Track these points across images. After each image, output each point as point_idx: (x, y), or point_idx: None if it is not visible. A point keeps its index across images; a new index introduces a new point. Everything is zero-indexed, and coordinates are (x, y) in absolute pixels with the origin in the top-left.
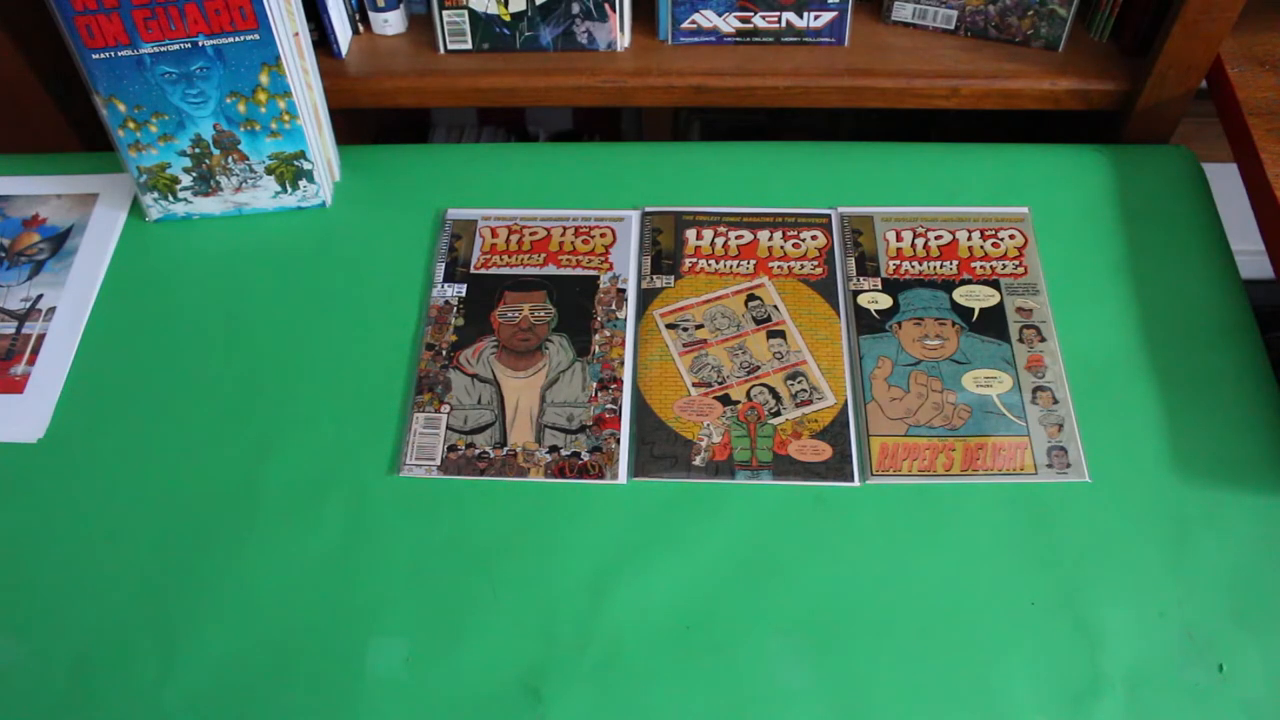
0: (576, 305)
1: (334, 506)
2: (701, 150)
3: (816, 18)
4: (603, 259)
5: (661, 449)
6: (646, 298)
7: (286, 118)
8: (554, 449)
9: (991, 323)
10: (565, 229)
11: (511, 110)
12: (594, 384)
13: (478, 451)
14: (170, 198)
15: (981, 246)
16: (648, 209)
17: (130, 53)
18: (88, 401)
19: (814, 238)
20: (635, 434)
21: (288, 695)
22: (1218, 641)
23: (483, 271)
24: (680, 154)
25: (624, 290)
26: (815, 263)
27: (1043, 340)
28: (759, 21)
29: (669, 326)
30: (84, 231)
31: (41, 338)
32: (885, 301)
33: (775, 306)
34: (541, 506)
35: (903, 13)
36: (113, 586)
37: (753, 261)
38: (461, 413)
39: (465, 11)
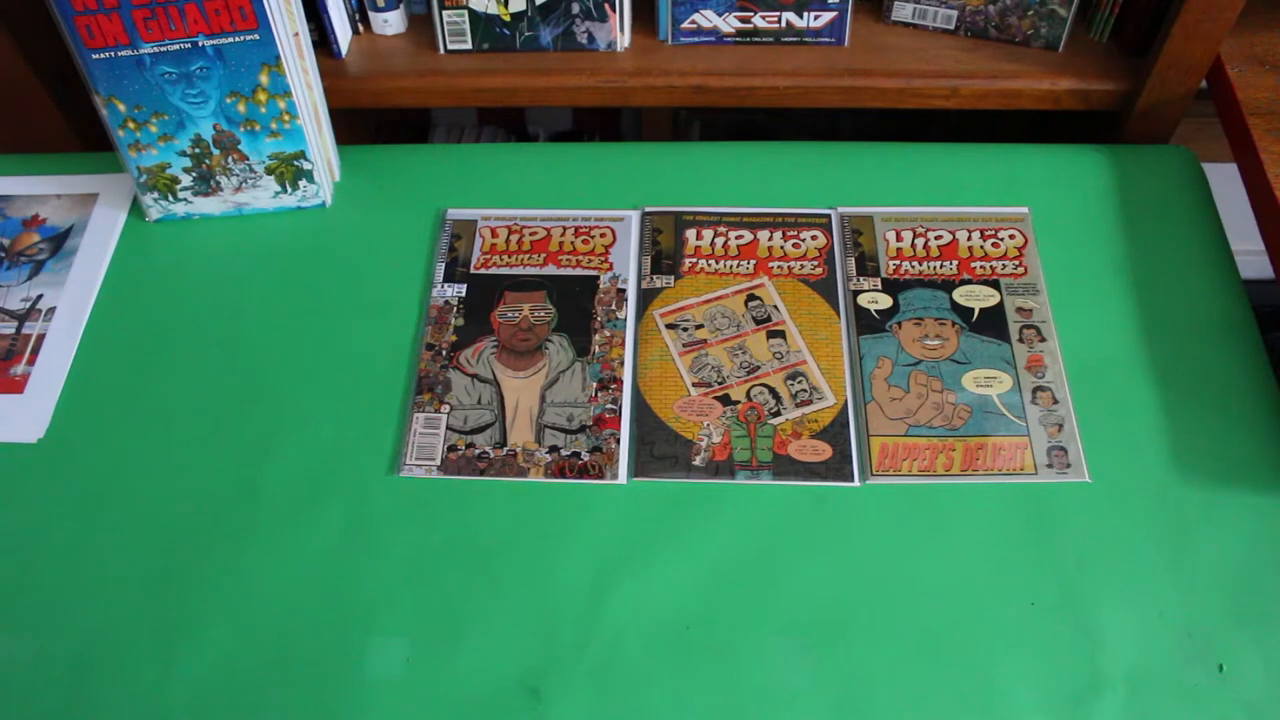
0: (576, 305)
1: (334, 506)
2: (701, 150)
3: (816, 18)
4: (603, 259)
5: (661, 449)
6: (646, 298)
7: (286, 118)
8: (554, 449)
9: (991, 323)
10: (565, 229)
11: (511, 110)
12: (594, 384)
13: (478, 451)
14: (170, 198)
15: (981, 246)
16: (648, 209)
17: (130, 53)
18: (88, 401)
19: (814, 238)
20: (635, 434)
21: (288, 695)
22: (1218, 641)
23: (483, 271)
24: (680, 154)
25: (624, 290)
26: (815, 263)
27: (1043, 340)
28: (759, 21)
29: (669, 326)
30: (84, 231)
31: (41, 338)
32: (885, 301)
33: (775, 306)
34: (541, 506)
35: (903, 13)
36: (113, 586)
37: (753, 261)
38: (461, 413)
39: (465, 11)
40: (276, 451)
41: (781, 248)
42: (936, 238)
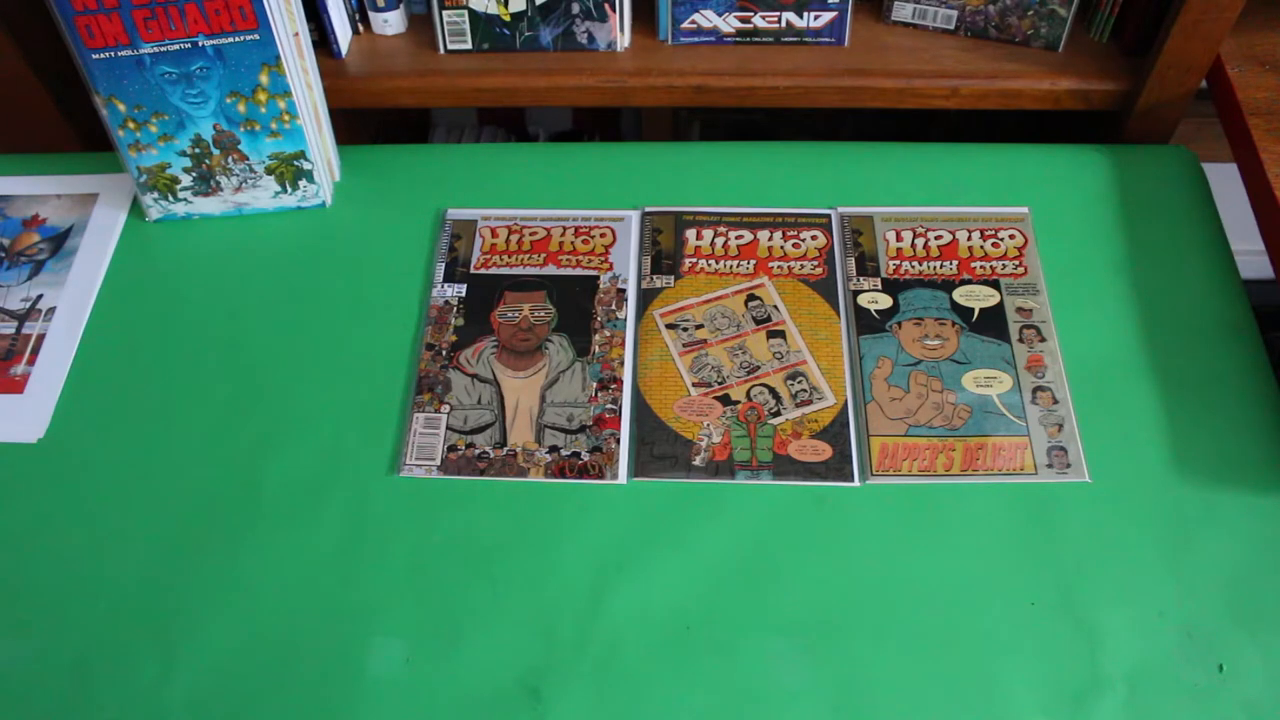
0: (576, 305)
1: (334, 506)
2: (701, 150)
3: (816, 18)
4: (603, 259)
5: (661, 449)
6: (646, 298)
7: (286, 118)
8: (554, 449)
9: (991, 323)
10: (565, 229)
11: (511, 110)
12: (594, 384)
13: (478, 451)
14: (170, 198)
15: (981, 246)
16: (648, 209)
17: (130, 53)
18: (88, 401)
19: (814, 238)
20: (635, 434)
21: (288, 695)
22: (1218, 641)
23: (483, 271)
24: (680, 154)
25: (624, 290)
26: (815, 263)
27: (1043, 340)
28: (759, 21)
29: (669, 326)
30: (84, 231)
31: (41, 338)
32: (885, 301)
33: (775, 306)
34: (541, 506)
35: (903, 13)
36: (113, 586)
37: (753, 261)
38: (461, 413)
39: (465, 11)
40: (276, 451)
41: (781, 248)
42: (936, 238)
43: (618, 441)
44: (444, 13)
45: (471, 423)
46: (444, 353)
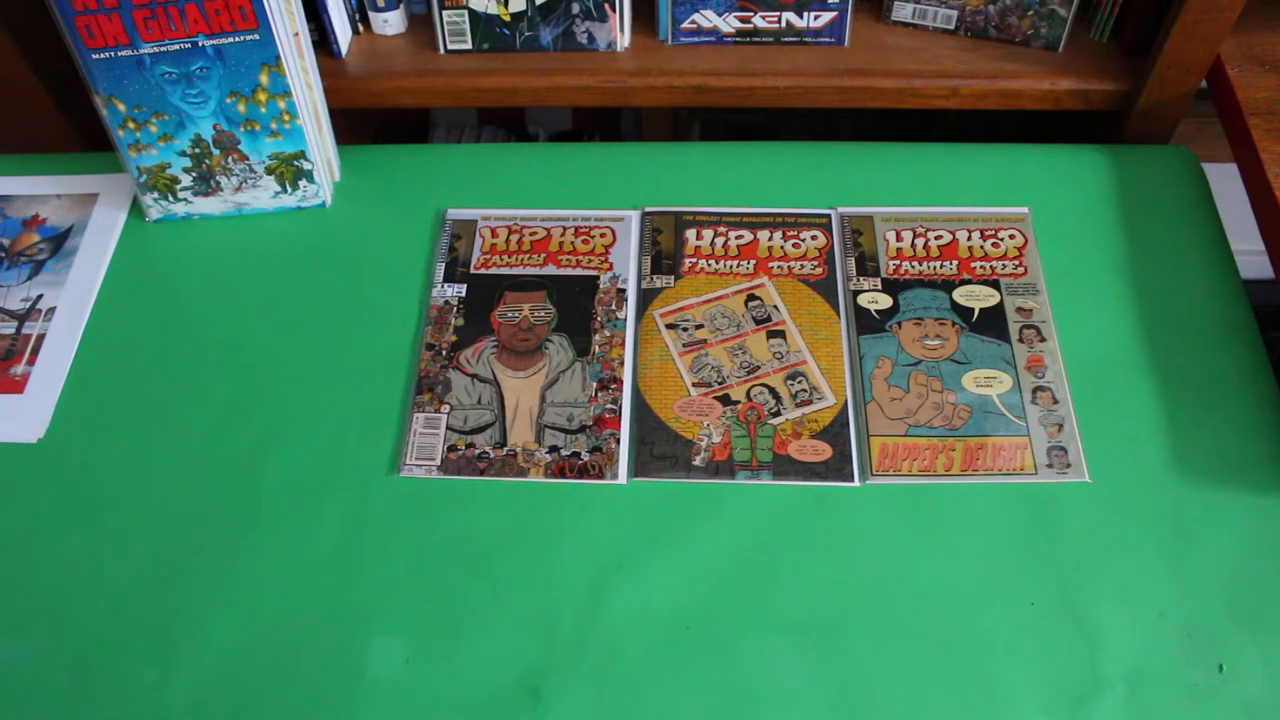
0: (576, 305)
1: (334, 506)
2: (701, 150)
3: (816, 18)
4: (603, 259)
5: (661, 449)
6: (646, 298)
7: (286, 118)
8: (554, 449)
9: (991, 323)
10: (565, 229)
11: (511, 110)
12: (594, 384)
13: (478, 451)
14: (170, 198)
15: (981, 246)
16: (648, 209)
17: (130, 53)
18: (88, 401)
19: (814, 238)
20: (635, 434)
21: (288, 695)
22: (1218, 641)
23: (483, 271)
24: (680, 154)
25: (624, 290)
26: (815, 263)
27: (1043, 340)
28: (759, 21)
29: (669, 326)
30: (84, 231)
31: (41, 338)
32: (885, 301)
33: (775, 306)
34: (541, 506)
35: (903, 13)
36: (113, 586)
37: (753, 261)
38: (461, 413)
39: (465, 11)
40: (276, 451)
41: (781, 248)
42: (936, 238)
43: (618, 441)
44: (444, 13)
45: (471, 423)
46: (444, 353)
